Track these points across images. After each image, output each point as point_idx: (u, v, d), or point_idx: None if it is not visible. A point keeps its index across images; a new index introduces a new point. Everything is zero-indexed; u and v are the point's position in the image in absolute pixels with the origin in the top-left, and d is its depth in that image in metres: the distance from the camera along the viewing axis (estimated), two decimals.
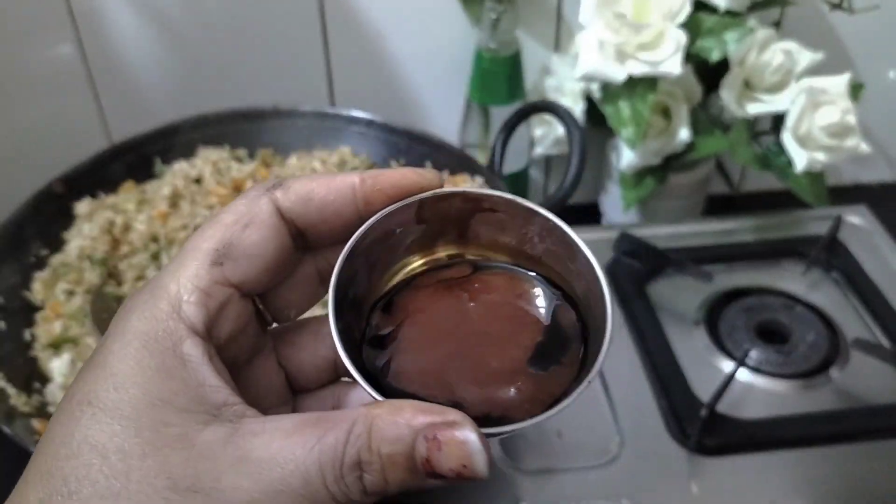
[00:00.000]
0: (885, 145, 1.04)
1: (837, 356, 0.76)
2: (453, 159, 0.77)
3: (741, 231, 0.91)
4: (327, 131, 0.81)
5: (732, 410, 0.70)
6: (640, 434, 0.69)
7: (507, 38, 0.86)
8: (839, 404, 0.72)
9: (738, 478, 0.66)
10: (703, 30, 0.81)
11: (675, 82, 0.84)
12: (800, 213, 0.92)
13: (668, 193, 0.93)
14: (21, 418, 0.59)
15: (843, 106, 0.82)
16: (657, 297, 0.82)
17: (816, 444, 0.68)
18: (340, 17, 0.88)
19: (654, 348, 0.76)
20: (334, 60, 0.91)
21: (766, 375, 0.74)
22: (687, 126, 0.84)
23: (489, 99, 0.89)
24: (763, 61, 0.82)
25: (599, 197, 1.00)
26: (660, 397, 0.72)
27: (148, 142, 0.79)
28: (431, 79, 0.94)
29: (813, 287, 0.84)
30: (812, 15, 0.91)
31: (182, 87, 0.91)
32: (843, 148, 0.83)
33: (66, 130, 0.92)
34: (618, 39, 0.78)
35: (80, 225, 0.73)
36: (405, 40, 0.91)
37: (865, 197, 1.00)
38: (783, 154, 0.85)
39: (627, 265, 0.85)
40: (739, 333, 0.77)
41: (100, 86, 0.91)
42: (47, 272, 0.70)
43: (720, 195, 1.05)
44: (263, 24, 0.88)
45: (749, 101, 0.85)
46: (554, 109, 0.74)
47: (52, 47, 0.87)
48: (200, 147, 0.80)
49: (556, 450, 0.68)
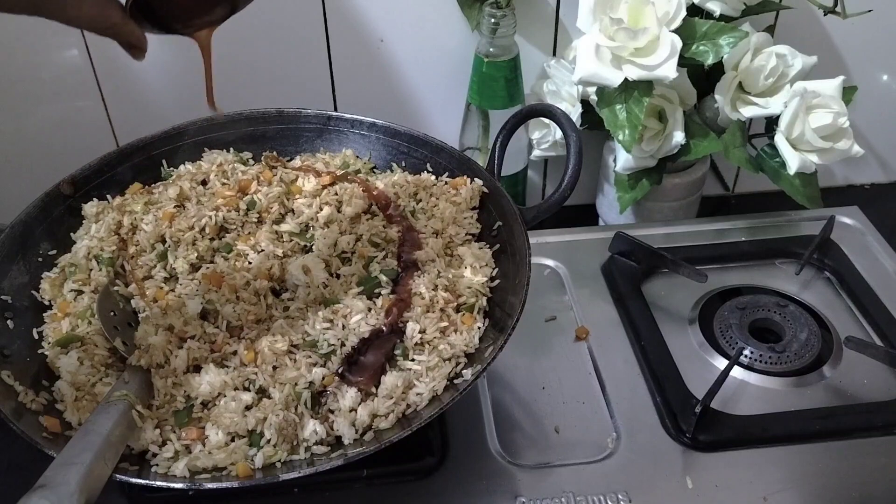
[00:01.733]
0: (878, 147, 1.05)
1: (830, 354, 0.77)
2: (453, 162, 0.78)
3: (735, 231, 0.92)
4: (330, 134, 0.83)
5: (726, 407, 0.72)
6: (636, 430, 0.70)
7: (505, 43, 0.87)
8: (831, 401, 0.73)
9: (731, 472, 0.67)
10: (698, 34, 0.82)
11: (670, 86, 0.85)
12: (793, 214, 0.93)
13: (663, 195, 0.94)
14: (29, 415, 0.60)
15: (836, 108, 0.83)
16: (653, 297, 0.84)
17: (809, 441, 0.69)
18: (343, 23, 0.90)
19: (649, 346, 0.77)
20: (337, 65, 0.93)
21: (759, 373, 0.75)
22: (682, 129, 0.85)
23: (488, 103, 0.90)
24: (757, 65, 0.84)
25: (596, 198, 1.01)
26: (655, 394, 0.73)
27: (155, 144, 0.79)
28: (432, 83, 0.95)
29: (806, 286, 0.86)
30: (805, 19, 0.92)
31: (187, 91, 0.92)
32: (836, 150, 0.84)
33: (74, 133, 0.94)
34: (614, 44, 0.79)
35: (88, 226, 0.74)
36: (406, 45, 0.92)
37: (858, 198, 1.01)
38: (776, 156, 0.87)
39: (623, 265, 0.87)
40: (733, 332, 0.78)
41: (106, 90, 0.92)
42: (55, 272, 0.71)
43: (715, 196, 1.06)
44: (268, 29, 0.89)
45: (743, 104, 0.86)
46: (552, 113, 0.75)
47: (59, 52, 0.89)
48: (206, 150, 0.81)
49: (554, 445, 0.69)
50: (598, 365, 0.76)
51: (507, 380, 0.75)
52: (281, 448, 0.59)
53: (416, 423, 0.58)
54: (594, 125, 0.89)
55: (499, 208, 0.74)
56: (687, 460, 0.68)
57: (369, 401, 0.62)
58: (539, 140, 0.95)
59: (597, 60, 0.80)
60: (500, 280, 0.70)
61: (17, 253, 0.70)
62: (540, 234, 0.89)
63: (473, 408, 0.73)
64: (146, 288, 0.69)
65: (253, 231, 0.73)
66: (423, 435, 0.64)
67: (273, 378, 0.62)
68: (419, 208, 0.76)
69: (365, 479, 0.66)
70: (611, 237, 0.88)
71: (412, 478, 0.67)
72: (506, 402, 0.73)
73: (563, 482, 0.66)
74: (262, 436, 0.59)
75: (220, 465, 0.58)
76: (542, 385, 0.75)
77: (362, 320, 0.65)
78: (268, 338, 0.64)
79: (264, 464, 0.58)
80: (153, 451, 0.59)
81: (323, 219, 0.73)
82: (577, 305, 0.83)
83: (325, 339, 0.64)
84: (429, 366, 0.63)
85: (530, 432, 0.71)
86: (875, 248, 0.90)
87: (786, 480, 0.66)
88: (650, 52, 0.79)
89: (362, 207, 0.74)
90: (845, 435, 0.69)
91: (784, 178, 0.87)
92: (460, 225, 0.74)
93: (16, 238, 0.70)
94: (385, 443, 0.57)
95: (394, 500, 0.66)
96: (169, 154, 0.80)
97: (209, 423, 0.60)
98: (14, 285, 0.69)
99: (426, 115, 0.97)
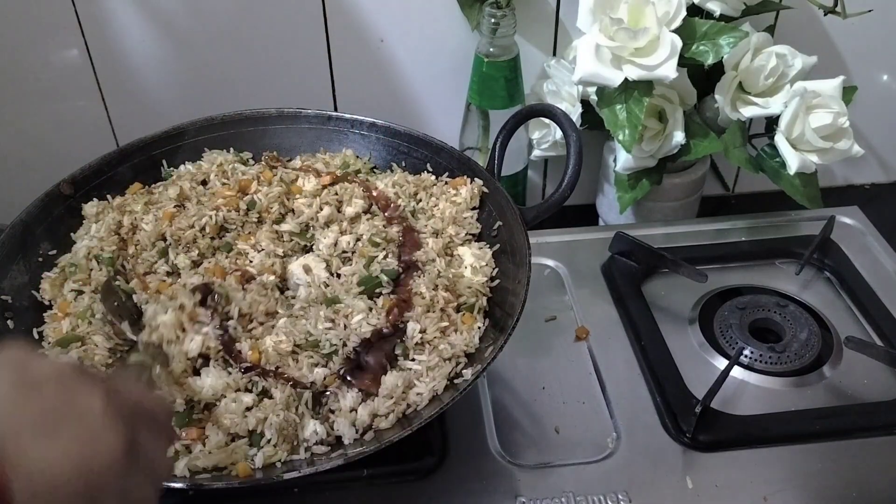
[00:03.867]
0: (878, 147, 1.05)
1: (830, 354, 0.77)
2: (454, 162, 0.78)
3: (735, 231, 0.93)
4: (331, 134, 0.83)
5: (727, 407, 0.72)
6: (636, 430, 0.70)
7: (505, 43, 0.87)
8: (831, 401, 0.73)
9: (731, 472, 0.67)
10: (698, 34, 0.82)
11: (670, 86, 0.85)
12: (793, 214, 0.93)
13: (663, 195, 0.94)
14: None
15: (836, 108, 0.83)
16: (653, 297, 0.84)
17: (809, 440, 0.69)
18: (343, 23, 0.90)
19: (649, 346, 0.77)
20: (337, 65, 0.93)
21: (759, 373, 0.75)
22: (682, 129, 0.86)
23: (488, 103, 0.90)
24: (757, 65, 0.84)
25: (596, 198, 1.01)
26: (655, 394, 0.73)
27: (155, 144, 0.80)
28: (432, 83, 0.95)
29: (806, 286, 0.86)
30: (805, 19, 0.92)
31: (186, 91, 0.92)
32: (836, 150, 0.84)
33: (74, 133, 0.94)
34: (614, 44, 0.79)
35: (88, 225, 0.74)
36: (406, 45, 0.92)
37: (858, 198, 1.01)
38: (776, 156, 0.87)
39: (623, 265, 0.87)
40: (733, 332, 0.78)
41: (106, 89, 0.92)
42: (55, 272, 0.71)
43: (715, 196, 1.06)
44: (267, 29, 0.89)
45: (743, 104, 0.86)
46: (552, 113, 0.75)
47: (59, 52, 0.89)
48: (206, 150, 0.81)
49: (554, 445, 0.69)
50: (598, 365, 0.76)
51: (507, 380, 0.75)
52: (281, 448, 0.59)
53: (417, 423, 0.58)
54: (594, 125, 0.89)
55: (499, 208, 0.74)
56: (687, 460, 0.68)
57: (370, 401, 0.62)
58: (539, 140, 0.95)
59: (597, 60, 0.80)
60: (500, 280, 0.70)
61: (18, 253, 0.70)
62: (540, 234, 0.89)
63: (473, 408, 0.73)
64: (148, 282, 0.69)
65: (253, 231, 0.73)
66: (423, 435, 0.64)
67: (276, 379, 0.62)
68: (419, 208, 0.76)
69: (365, 479, 0.66)
70: (611, 237, 0.88)
71: (412, 478, 0.67)
72: (506, 402, 0.73)
73: (563, 482, 0.66)
74: (262, 436, 0.59)
75: (220, 465, 0.58)
76: (542, 385, 0.75)
77: (363, 320, 0.65)
78: (272, 337, 0.64)
79: (264, 464, 0.58)
80: None
81: (323, 219, 0.73)
82: (577, 305, 0.83)
83: (328, 339, 0.64)
84: (429, 366, 0.63)
85: (530, 432, 0.71)
86: (875, 248, 0.90)
87: (786, 480, 0.66)
88: (650, 52, 0.79)
89: (362, 207, 0.74)
90: (845, 435, 0.69)
91: (784, 178, 0.87)
92: (460, 225, 0.74)
93: (16, 238, 0.70)
94: (385, 443, 0.57)
95: (394, 500, 0.66)
96: (169, 154, 0.80)
97: (209, 424, 0.60)
98: (14, 285, 0.69)
99: (426, 115, 0.97)
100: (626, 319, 0.81)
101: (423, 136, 0.80)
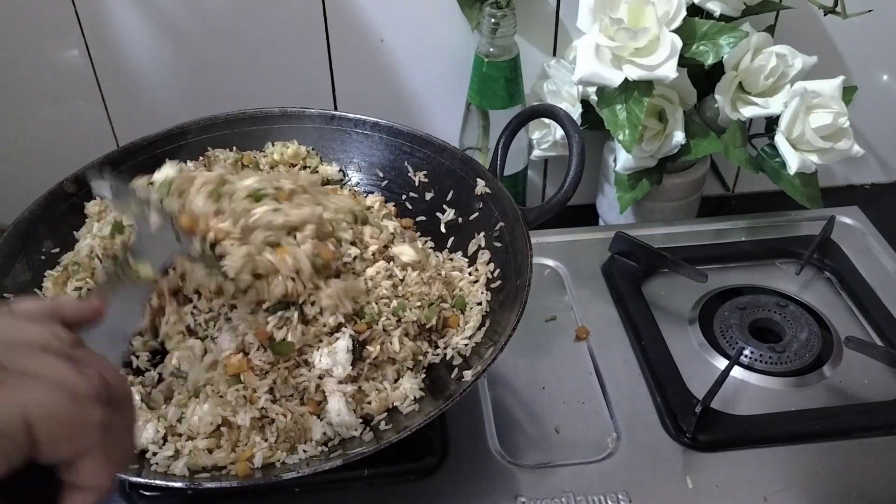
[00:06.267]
0: (878, 147, 1.05)
1: (830, 354, 0.77)
2: (456, 162, 0.78)
3: (735, 231, 0.93)
4: (333, 133, 0.83)
5: (727, 407, 0.72)
6: (636, 430, 0.70)
7: (505, 43, 0.87)
8: (831, 401, 0.73)
9: (731, 472, 0.67)
10: (698, 34, 0.82)
11: (670, 86, 0.85)
12: (793, 214, 0.94)
13: (663, 195, 0.94)
14: None
15: (836, 108, 0.83)
16: (653, 297, 0.84)
17: (809, 441, 0.69)
18: (343, 23, 0.90)
19: (649, 346, 0.77)
20: (337, 65, 0.93)
21: (759, 373, 0.75)
22: (682, 129, 0.86)
23: (488, 103, 0.90)
24: (757, 65, 0.84)
25: (596, 198, 1.02)
26: (655, 394, 0.73)
27: (158, 143, 0.80)
28: (431, 83, 0.95)
29: (806, 286, 0.86)
30: (805, 19, 0.92)
31: (186, 91, 0.92)
32: (836, 150, 0.84)
33: (74, 133, 0.94)
34: (614, 44, 0.79)
35: (91, 224, 0.74)
36: (406, 45, 0.92)
37: (858, 198, 1.01)
38: (776, 156, 0.87)
39: (623, 265, 0.87)
40: (733, 332, 0.79)
41: (106, 89, 0.92)
42: (58, 270, 0.71)
43: (715, 196, 1.06)
44: (267, 29, 0.89)
45: (743, 104, 0.86)
46: (554, 114, 0.75)
47: (59, 52, 0.89)
48: (209, 149, 0.81)
49: (554, 445, 0.69)
50: (598, 365, 0.76)
51: (507, 380, 0.75)
52: (281, 448, 0.59)
53: (417, 424, 0.58)
54: (594, 125, 0.89)
55: (501, 209, 0.74)
56: (687, 460, 0.68)
57: (365, 400, 0.62)
58: (539, 140, 0.95)
59: (597, 60, 0.80)
60: (500, 280, 0.70)
61: (21, 251, 0.70)
62: (540, 234, 0.89)
63: (473, 408, 0.73)
64: None
65: None
66: (423, 435, 0.64)
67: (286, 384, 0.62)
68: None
69: (365, 479, 0.66)
70: (611, 237, 0.88)
71: (412, 478, 0.67)
72: (506, 402, 0.74)
73: (563, 482, 0.66)
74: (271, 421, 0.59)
75: (219, 465, 0.58)
76: (542, 385, 0.75)
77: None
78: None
79: (264, 463, 0.58)
80: (153, 450, 0.59)
81: None
82: (578, 305, 0.83)
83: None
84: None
85: (530, 432, 0.71)
86: (875, 248, 0.90)
87: (786, 480, 0.66)
88: (650, 52, 0.79)
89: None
90: (845, 435, 0.69)
91: (784, 178, 0.87)
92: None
93: (19, 236, 0.71)
94: (385, 443, 0.57)
95: (394, 500, 0.66)
96: (172, 153, 0.80)
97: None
98: (17, 283, 0.69)
99: (426, 115, 0.97)
100: (626, 319, 0.81)
101: (426, 136, 0.80)
